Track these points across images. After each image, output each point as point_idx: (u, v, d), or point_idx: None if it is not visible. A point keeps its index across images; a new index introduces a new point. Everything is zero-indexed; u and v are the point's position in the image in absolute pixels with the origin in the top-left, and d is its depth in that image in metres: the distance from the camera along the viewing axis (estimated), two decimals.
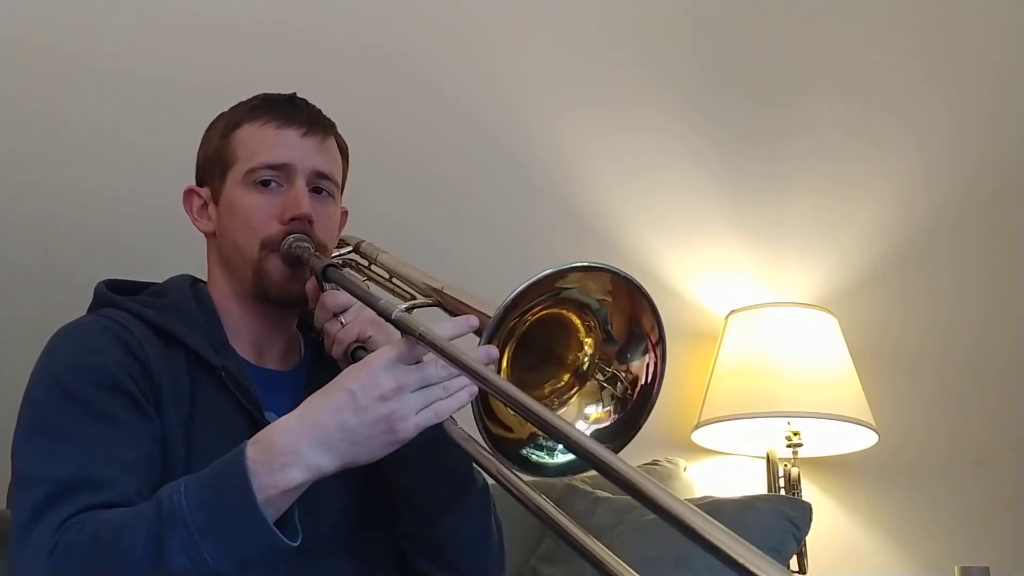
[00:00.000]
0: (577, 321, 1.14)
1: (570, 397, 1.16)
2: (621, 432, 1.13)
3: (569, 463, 1.12)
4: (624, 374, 1.14)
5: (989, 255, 2.76)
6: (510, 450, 1.10)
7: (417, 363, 1.09)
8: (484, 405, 1.09)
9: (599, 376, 1.15)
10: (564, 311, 1.12)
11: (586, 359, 1.16)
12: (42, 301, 2.02)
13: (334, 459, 1.09)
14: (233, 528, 1.06)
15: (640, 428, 1.14)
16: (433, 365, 1.09)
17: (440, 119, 2.46)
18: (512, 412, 1.10)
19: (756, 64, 2.75)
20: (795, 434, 2.34)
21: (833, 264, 2.67)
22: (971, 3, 2.85)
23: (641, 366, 1.13)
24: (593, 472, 1.12)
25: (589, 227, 2.54)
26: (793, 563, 2.22)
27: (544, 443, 1.11)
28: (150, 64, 2.23)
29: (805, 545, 2.20)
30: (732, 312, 2.47)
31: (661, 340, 1.13)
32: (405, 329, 1.10)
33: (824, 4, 2.81)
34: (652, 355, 1.12)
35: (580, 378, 1.16)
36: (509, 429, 1.11)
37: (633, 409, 1.14)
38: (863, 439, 2.38)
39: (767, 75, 2.76)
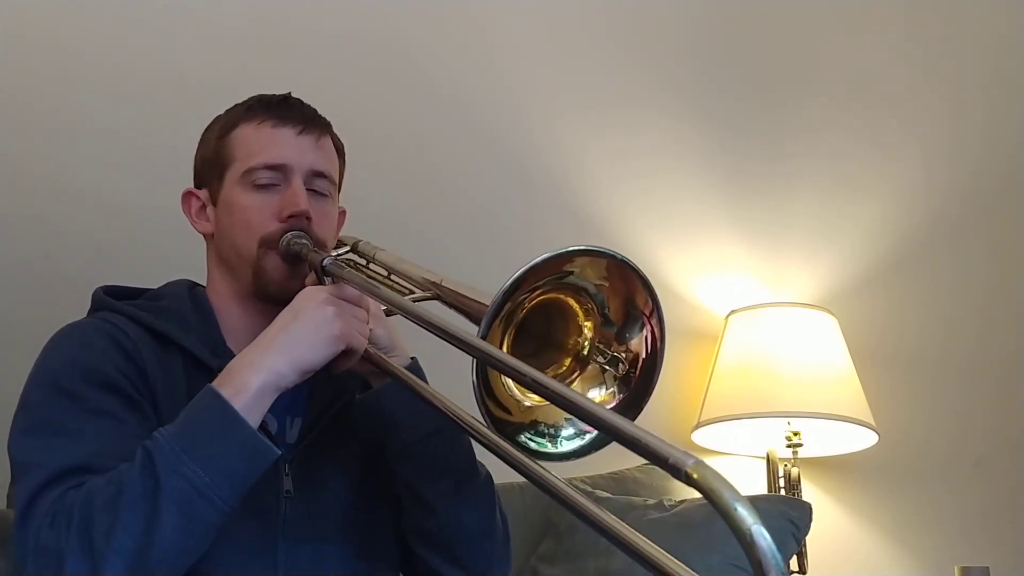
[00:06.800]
0: (575, 305, 1.13)
1: (572, 382, 1.15)
2: (627, 411, 1.12)
3: (572, 451, 1.11)
4: (624, 354, 1.13)
5: (989, 255, 2.77)
6: (510, 435, 1.08)
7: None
8: (485, 386, 1.08)
9: (600, 359, 1.15)
10: (562, 296, 1.12)
11: (586, 343, 1.15)
12: (42, 301, 2.01)
13: (283, 359, 1.19)
14: (215, 433, 1.14)
15: (646, 403, 1.13)
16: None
17: (440, 119, 2.46)
18: (510, 394, 1.09)
19: (756, 64, 2.75)
20: (795, 434, 2.34)
21: (833, 264, 2.67)
22: (971, 3, 2.85)
23: (640, 342, 1.13)
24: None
25: (589, 227, 2.54)
26: (793, 563, 2.23)
27: (545, 430, 1.10)
28: (150, 64, 2.22)
29: (805, 545, 2.20)
30: (732, 312, 2.47)
31: (656, 311, 1.11)
32: (333, 275, 1.28)
33: (824, 4, 2.81)
34: (649, 327, 1.11)
35: (581, 362, 1.15)
36: (508, 412, 1.10)
37: (637, 387, 1.13)
38: (863, 439, 2.38)
39: (767, 75, 2.76)
